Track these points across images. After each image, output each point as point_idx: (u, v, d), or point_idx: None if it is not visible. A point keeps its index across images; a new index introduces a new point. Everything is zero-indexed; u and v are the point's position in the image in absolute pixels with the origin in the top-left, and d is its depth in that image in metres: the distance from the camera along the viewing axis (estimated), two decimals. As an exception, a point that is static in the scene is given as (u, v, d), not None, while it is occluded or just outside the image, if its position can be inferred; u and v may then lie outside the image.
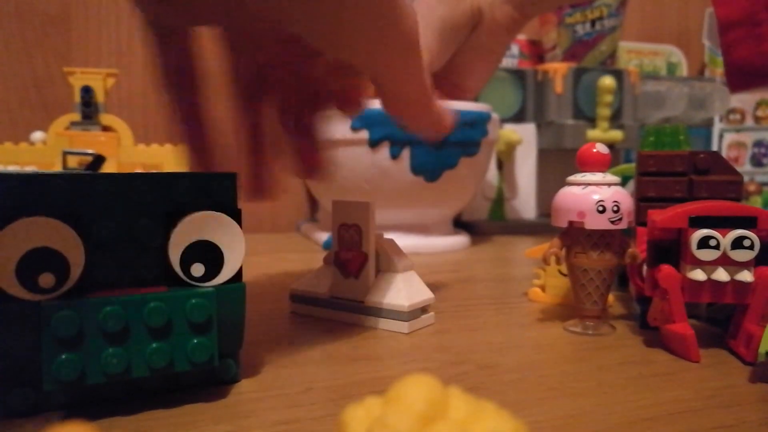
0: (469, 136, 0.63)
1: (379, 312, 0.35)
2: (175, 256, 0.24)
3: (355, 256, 0.36)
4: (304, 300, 0.39)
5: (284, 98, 0.32)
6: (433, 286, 0.40)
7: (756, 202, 0.82)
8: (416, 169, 0.61)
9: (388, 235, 0.37)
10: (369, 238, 0.36)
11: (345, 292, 0.37)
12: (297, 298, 0.39)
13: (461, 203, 0.70)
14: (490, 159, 0.71)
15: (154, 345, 0.23)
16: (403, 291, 0.35)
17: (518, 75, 0.85)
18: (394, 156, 0.60)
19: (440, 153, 0.62)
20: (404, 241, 0.64)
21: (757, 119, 1.10)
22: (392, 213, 0.64)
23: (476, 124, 0.63)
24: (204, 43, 0.30)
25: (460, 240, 0.69)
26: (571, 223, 0.34)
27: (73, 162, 0.60)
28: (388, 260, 0.36)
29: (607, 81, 0.81)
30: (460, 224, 0.80)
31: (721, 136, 1.10)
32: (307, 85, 0.33)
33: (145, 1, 0.27)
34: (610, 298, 0.39)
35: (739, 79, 0.39)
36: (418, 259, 0.34)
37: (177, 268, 0.24)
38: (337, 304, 0.37)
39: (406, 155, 0.61)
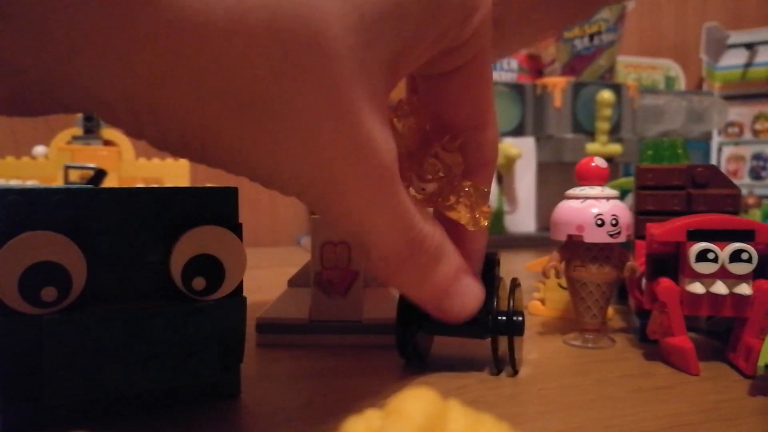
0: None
1: (376, 328, 0.34)
2: (176, 270, 0.24)
3: (343, 274, 0.35)
4: (277, 329, 0.35)
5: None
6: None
7: (755, 215, 0.82)
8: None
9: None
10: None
11: (332, 313, 0.35)
12: (267, 327, 0.35)
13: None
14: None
15: (155, 359, 0.23)
16: None
17: (517, 89, 0.85)
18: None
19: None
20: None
21: (755, 132, 1.11)
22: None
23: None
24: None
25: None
26: (570, 236, 0.34)
27: (74, 176, 0.60)
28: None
29: (606, 95, 0.82)
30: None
31: (719, 150, 1.10)
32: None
33: None
34: (610, 311, 0.39)
35: None
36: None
37: (178, 282, 0.24)
38: (322, 328, 0.34)
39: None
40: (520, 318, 0.29)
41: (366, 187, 0.20)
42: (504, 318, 0.28)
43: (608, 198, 0.34)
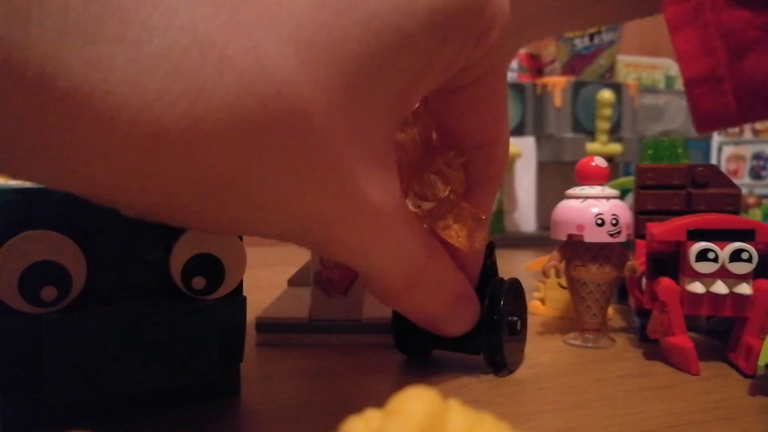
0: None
1: (376, 328, 0.34)
2: (176, 269, 0.24)
3: (343, 273, 0.34)
4: (277, 328, 0.35)
5: None
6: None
7: (755, 214, 0.82)
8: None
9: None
10: None
11: (332, 312, 0.34)
12: (267, 327, 0.35)
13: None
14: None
15: (155, 359, 0.23)
16: None
17: (517, 89, 0.85)
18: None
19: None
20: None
21: (755, 132, 1.11)
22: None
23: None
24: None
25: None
26: (570, 236, 0.34)
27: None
28: None
29: (606, 94, 0.82)
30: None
31: (719, 149, 1.10)
32: None
33: None
34: (610, 310, 0.39)
35: (705, 125, 0.43)
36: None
37: (178, 282, 0.24)
38: (322, 327, 0.34)
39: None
40: (515, 318, 0.29)
41: (362, 235, 0.20)
42: (491, 318, 0.28)
43: (608, 197, 0.34)
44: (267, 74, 0.15)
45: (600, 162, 0.35)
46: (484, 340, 0.28)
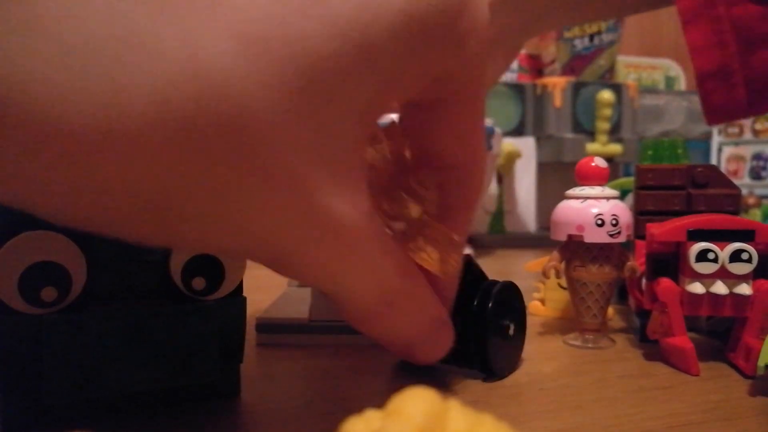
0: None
1: None
2: (176, 269, 0.24)
3: None
4: (277, 329, 0.35)
5: None
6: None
7: (755, 215, 0.82)
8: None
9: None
10: None
11: (332, 313, 0.34)
12: (267, 327, 0.35)
13: (465, 216, 0.71)
14: (493, 173, 0.71)
15: (155, 359, 0.23)
16: None
17: (517, 89, 0.85)
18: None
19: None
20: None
21: (755, 132, 1.11)
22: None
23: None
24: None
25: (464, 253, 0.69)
26: (570, 236, 0.34)
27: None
28: None
29: (606, 95, 0.82)
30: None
31: (719, 150, 1.10)
32: None
33: None
34: (610, 311, 0.39)
35: (715, 117, 0.44)
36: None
37: (178, 282, 0.24)
38: (322, 328, 0.34)
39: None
40: (507, 322, 0.28)
41: (328, 254, 0.18)
42: (479, 322, 0.27)
43: (608, 198, 0.34)
44: (202, 71, 0.13)
45: (600, 162, 0.35)
46: (473, 346, 0.28)
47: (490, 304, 0.28)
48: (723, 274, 0.30)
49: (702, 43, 0.43)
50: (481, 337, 0.28)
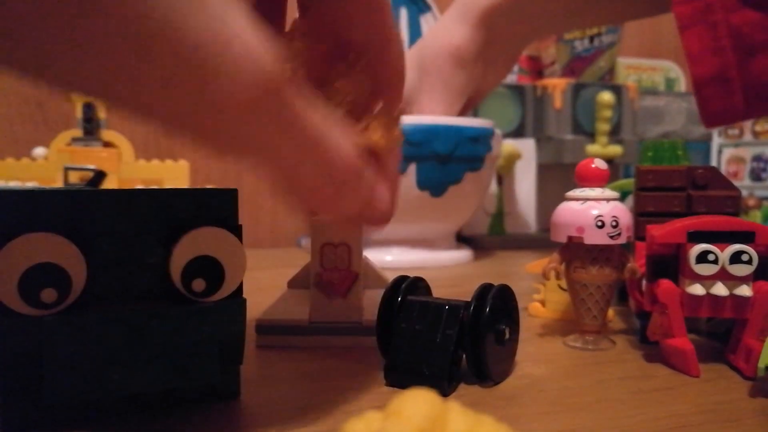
0: (474, 152, 0.64)
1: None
2: (176, 271, 0.24)
3: (343, 275, 0.34)
4: (277, 330, 0.35)
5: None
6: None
7: (755, 216, 0.82)
8: (422, 184, 0.62)
9: (394, 250, 0.37)
10: (360, 256, 0.35)
11: (332, 314, 0.34)
12: (267, 329, 0.35)
13: (465, 218, 0.71)
14: (492, 174, 0.71)
15: (155, 360, 0.23)
16: None
17: (517, 90, 0.85)
18: (401, 171, 0.61)
19: (446, 168, 0.62)
20: (410, 255, 0.65)
21: (755, 134, 1.11)
22: (398, 227, 0.64)
23: (481, 140, 0.64)
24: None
25: (463, 254, 0.70)
26: (570, 238, 0.34)
27: (74, 177, 0.60)
28: (376, 276, 0.36)
29: (606, 96, 0.82)
30: (461, 239, 0.81)
31: (719, 151, 1.10)
32: None
33: None
34: (610, 312, 0.39)
35: (713, 122, 0.45)
36: (423, 273, 0.33)
37: (178, 284, 0.24)
38: (322, 329, 0.34)
39: (413, 170, 0.61)
40: (502, 327, 0.28)
41: (252, 105, 0.17)
42: (475, 326, 0.27)
43: (608, 199, 0.34)
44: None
45: (600, 164, 0.35)
46: (467, 349, 0.28)
47: (487, 309, 0.28)
48: (723, 276, 0.30)
49: (699, 50, 0.43)
50: (477, 343, 0.28)
